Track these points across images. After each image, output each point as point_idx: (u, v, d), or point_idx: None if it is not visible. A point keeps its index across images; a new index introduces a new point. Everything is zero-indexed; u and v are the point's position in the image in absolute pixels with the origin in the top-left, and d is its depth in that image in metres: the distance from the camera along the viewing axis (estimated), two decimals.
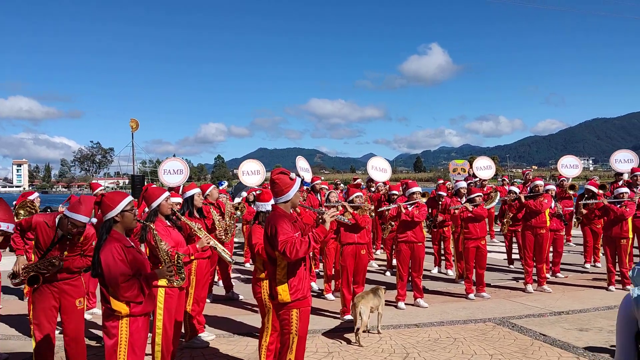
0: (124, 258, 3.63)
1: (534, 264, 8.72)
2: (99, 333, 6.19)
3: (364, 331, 6.01)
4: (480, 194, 8.66)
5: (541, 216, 8.69)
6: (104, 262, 3.58)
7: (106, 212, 3.76)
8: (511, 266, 10.79)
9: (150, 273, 3.83)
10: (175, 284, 4.20)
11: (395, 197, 9.15)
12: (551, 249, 9.31)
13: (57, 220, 4.76)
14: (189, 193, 6.28)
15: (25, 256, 5.93)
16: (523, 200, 8.76)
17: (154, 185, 5.83)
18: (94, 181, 14.15)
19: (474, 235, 8.27)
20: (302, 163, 12.57)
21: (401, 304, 7.62)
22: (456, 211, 8.56)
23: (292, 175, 4.17)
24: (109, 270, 3.56)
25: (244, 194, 10.89)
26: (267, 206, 5.18)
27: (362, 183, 13.24)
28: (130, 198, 3.86)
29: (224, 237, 7.28)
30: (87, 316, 7.09)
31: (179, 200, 6.20)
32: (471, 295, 8.16)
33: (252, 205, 10.67)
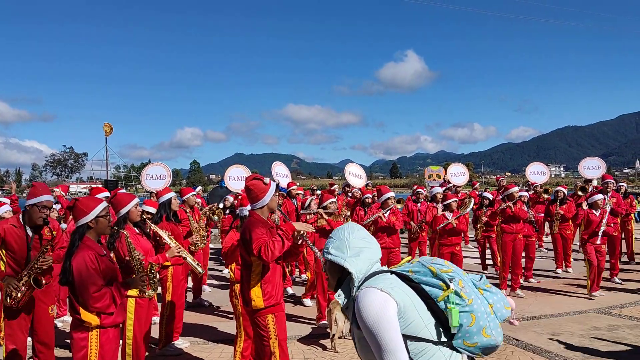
0: (97, 267, 3.50)
1: (510, 269, 8.81)
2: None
3: (339, 337, 6.00)
4: (456, 199, 8.73)
5: (519, 222, 8.82)
6: (76, 271, 3.43)
7: (80, 217, 3.63)
8: (485, 271, 10.91)
9: (122, 282, 3.71)
10: (147, 294, 4.12)
11: (370, 200, 9.20)
12: (523, 254, 9.43)
13: (21, 218, 4.69)
14: (165, 197, 6.22)
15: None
16: (513, 208, 8.74)
17: (123, 191, 5.77)
18: (63, 185, 13.83)
19: (449, 242, 8.37)
20: (279, 168, 12.54)
21: None
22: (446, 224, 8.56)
23: (266, 180, 4.15)
24: (81, 280, 3.43)
25: (231, 199, 10.81)
26: (246, 211, 5.15)
27: (337, 189, 13.25)
28: (105, 204, 3.76)
29: (199, 243, 7.22)
30: (57, 324, 6.94)
31: (151, 209, 6.12)
32: None
33: (228, 213, 10.59)
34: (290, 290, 8.91)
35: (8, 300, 4.44)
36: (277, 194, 4.35)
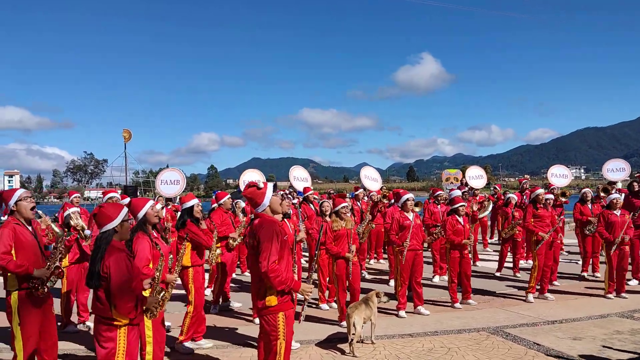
0: (131, 270, 3.68)
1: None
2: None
3: (357, 341, 5.98)
4: (464, 204, 8.58)
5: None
6: (115, 272, 3.57)
7: (105, 223, 3.77)
8: (518, 274, 10.69)
9: (143, 297, 3.86)
10: (149, 316, 4.08)
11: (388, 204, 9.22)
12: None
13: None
14: (188, 204, 6.42)
15: None
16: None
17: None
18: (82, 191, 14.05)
19: (457, 246, 8.29)
20: (297, 172, 12.55)
21: (402, 313, 7.62)
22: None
23: (260, 184, 4.30)
24: (119, 281, 3.56)
25: (242, 203, 10.88)
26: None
27: (362, 194, 13.14)
28: (126, 209, 3.91)
29: (212, 259, 7.48)
30: (82, 328, 7.07)
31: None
32: (457, 305, 8.19)
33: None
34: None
35: (35, 291, 4.61)
36: (278, 193, 4.54)
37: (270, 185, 4.37)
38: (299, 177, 12.54)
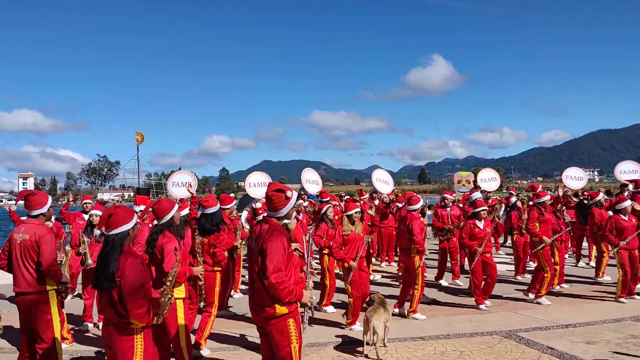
0: (145, 275, 3.65)
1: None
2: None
3: (370, 344, 5.97)
4: (486, 207, 8.58)
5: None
6: (131, 277, 3.52)
7: (120, 224, 3.71)
8: (519, 277, 10.65)
9: (156, 301, 3.79)
10: (155, 319, 3.80)
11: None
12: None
13: None
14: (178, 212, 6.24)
15: None
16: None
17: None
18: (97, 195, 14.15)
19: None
20: (309, 175, 12.59)
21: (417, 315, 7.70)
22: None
23: (289, 193, 4.07)
24: (134, 286, 3.51)
25: (259, 205, 10.91)
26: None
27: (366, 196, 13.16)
28: (136, 215, 3.92)
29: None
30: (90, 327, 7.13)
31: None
32: (482, 306, 8.18)
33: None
34: (236, 295, 9.21)
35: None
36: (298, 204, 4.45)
37: (294, 196, 4.15)
38: (311, 180, 12.58)
